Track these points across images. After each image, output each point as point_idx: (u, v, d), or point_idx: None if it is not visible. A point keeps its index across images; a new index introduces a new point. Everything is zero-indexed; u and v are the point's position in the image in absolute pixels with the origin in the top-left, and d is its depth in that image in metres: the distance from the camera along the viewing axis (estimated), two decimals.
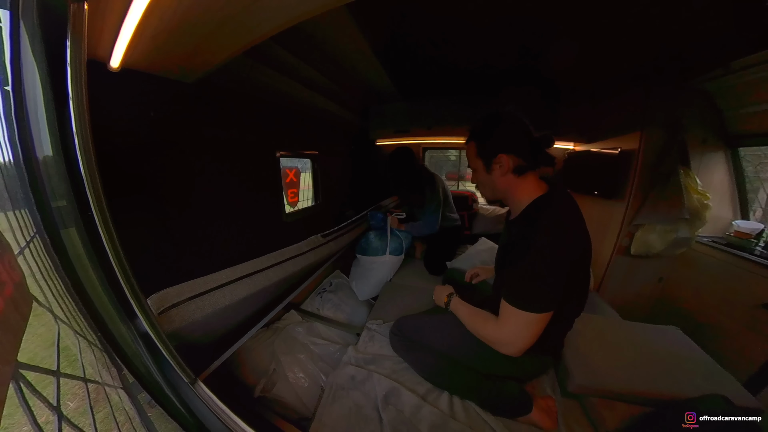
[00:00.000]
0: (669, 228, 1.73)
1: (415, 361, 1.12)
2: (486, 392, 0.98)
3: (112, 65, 0.82)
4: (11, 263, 0.45)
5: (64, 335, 0.60)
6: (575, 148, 2.49)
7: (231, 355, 1.11)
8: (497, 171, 0.91)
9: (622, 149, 1.87)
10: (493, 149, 0.90)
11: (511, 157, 0.88)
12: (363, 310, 1.73)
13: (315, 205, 2.36)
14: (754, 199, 1.89)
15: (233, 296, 0.95)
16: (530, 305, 0.77)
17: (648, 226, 1.78)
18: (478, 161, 0.95)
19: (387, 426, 0.92)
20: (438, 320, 1.12)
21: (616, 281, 1.97)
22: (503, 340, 0.84)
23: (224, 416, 0.66)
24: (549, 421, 0.93)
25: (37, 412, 0.39)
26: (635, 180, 1.79)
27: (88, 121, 0.54)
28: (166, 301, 0.77)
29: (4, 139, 0.54)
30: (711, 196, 1.69)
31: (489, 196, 1.00)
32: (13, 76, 0.53)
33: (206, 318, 0.85)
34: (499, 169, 0.90)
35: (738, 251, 1.65)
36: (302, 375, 1.19)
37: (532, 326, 0.79)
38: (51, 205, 0.57)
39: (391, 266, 1.93)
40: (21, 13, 0.52)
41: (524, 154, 0.88)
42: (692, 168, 1.73)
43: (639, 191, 1.79)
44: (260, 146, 1.66)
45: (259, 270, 1.12)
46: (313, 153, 2.28)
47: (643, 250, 1.82)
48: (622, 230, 1.87)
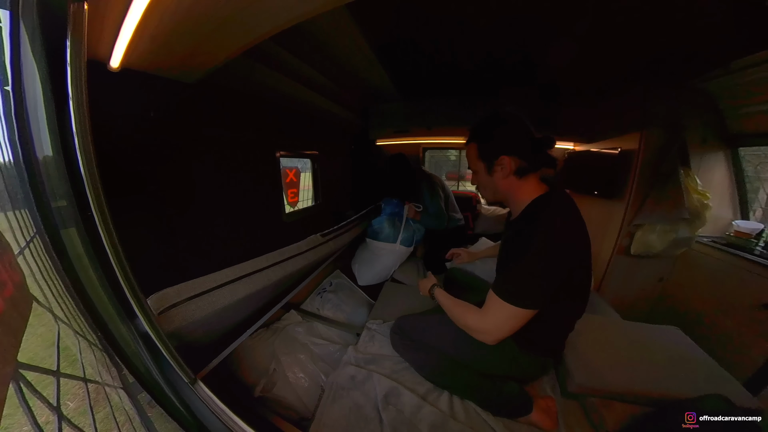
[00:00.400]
0: (669, 228, 1.73)
1: (415, 361, 1.12)
2: (486, 392, 0.98)
3: (112, 65, 0.82)
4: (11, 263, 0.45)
5: (64, 335, 0.60)
6: (575, 148, 2.49)
7: (231, 355, 1.11)
8: (499, 173, 0.90)
9: (622, 149, 1.87)
10: (495, 151, 0.89)
11: (513, 159, 0.87)
12: (363, 310, 1.73)
13: (315, 205, 2.36)
14: (754, 199, 1.89)
15: (233, 296, 0.94)
16: (517, 299, 0.78)
17: (648, 226, 1.78)
18: (479, 163, 0.94)
19: (387, 426, 0.92)
20: (439, 320, 1.12)
21: (616, 281, 1.97)
22: (482, 329, 0.86)
23: (224, 416, 0.66)
24: (549, 421, 0.93)
25: (37, 412, 0.39)
26: (635, 180, 1.79)
27: (88, 121, 0.53)
28: (165, 301, 0.77)
29: (4, 139, 0.54)
30: (711, 196, 1.69)
31: (490, 197, 1.00)
32: (13, 76, 0.53)
33: (206, 318, 0.85)
34: (501, 171, 0.90)
35: (738, 251, 1.65)
36: (302, 375, 1.19)
37: (513, 320, 0.80)
38: (51, 205, 0.57)
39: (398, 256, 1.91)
40: (21, 13, 0.52)
41: (526, 155, 0.88)
42: (692, 168, 1.73)
43: (639, 191, 1.79)
44: (260, 146, 1.65)
45: (259, 270, 1.12)
46: (313, 153, 2.28)
47: (643, 250, 1.82)
48: (622, 230, 1.87)
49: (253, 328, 1.24)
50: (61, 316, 0.60)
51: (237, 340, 1.14)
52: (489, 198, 1.01)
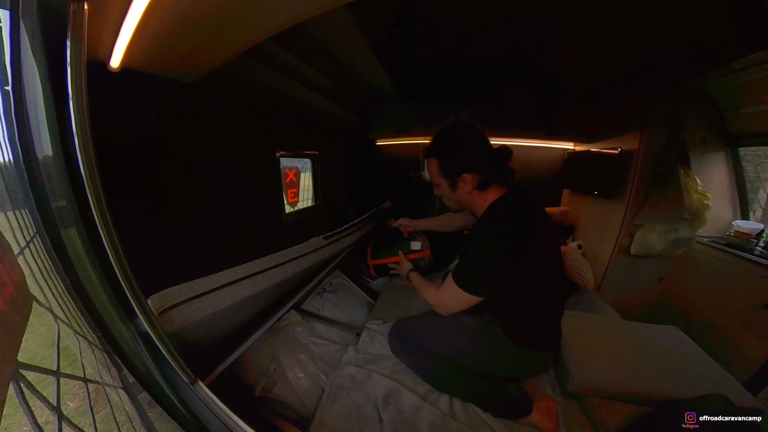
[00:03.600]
0: (669, 228, 1.73)
1: (414, 364, 1.12)
2: (486, 394, 0.98)
3: (112, 65, 0.82)
4: (11, 263, 0.45)
5: (64, 335, 0.60)
6: (575, 148, 2.49)
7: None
8: (462, 188, 0.97)
9: (622, 149, 1.87)
10: (457, 169, 0.95)
11: (474, 176, 0.94)
12: (363, 311, 1.72)
13: (315, 205, 2.36)
14: (754, 199, 1.88)
15: (234, 297, 0.94)
16: (466, 286, 0.90)
17: (648, 226, 1.78)
18: (442, 179, 1.00)
19: (387, 426, 0.92)
20: (437, 322, 1.12)
21: (616, 281, 1.97)
22: (436, 303, 1.03)
23: (224, 416, 0.65)
24: (549, 422, 0.93)
25: (37, 412, 0.39)
26: (635, 180, 1.79)
27: (88, 121, 0.53)
28: (166, 302, 0.77)
29: (4, 139, 0.54)
30: (711, 196, 1.69)
31: (454, 207, 1.10)
32: (13, 76, 0.53)
33: (206, 319, 0.85)
34: (464, 187, 0.96)
35: (738, 251, 1.65)
36: (302, 375, 1.19)
37: (460, 302, 0.94)
38: (51, 205, 0.57)
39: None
40: (21, 13, 0.52)
41: (487, 171, 0.95)
42: (692, 168, 1.73)
43: (639, 191, 1.79)
44: (260, 146, 1.66)
45: (260, 271, 1.11)
46: (313, 153, 2.28)
47: (643, 250, 1.82)
48: (622, 230, 1.87)
49: (259, 333, 1.24)
50: (61, 316, 0.60)
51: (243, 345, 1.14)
52: (454, 207, 1.11)
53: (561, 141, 2.50)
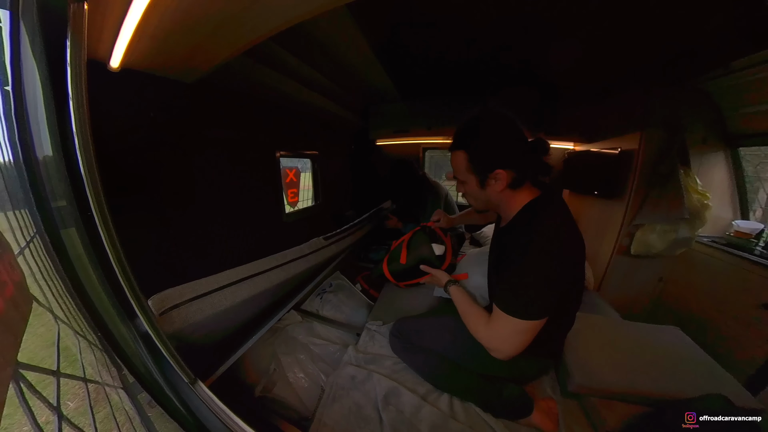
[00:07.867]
0: (669, 228, 1.73)
1: (415, 363, 1.11)
2: (487, 395, 0.98)
3: (112, 65, 0.82)
4: (11, 263, 0.45)
5: (64, 335, 0.60)
6: (575, 148, 2.49)
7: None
8: (493, 186, 0.82)
9: (622, 149, 1.87)
10: (490, 164, 0.80)
11: (508, 172, 0.79)
12: (363, 311, 1.72)
13: (315, 205, 2.36)
14: (754, 199, 1.88)
15: (234, 298, 0.94)
16: (522, 313, 0.72)
17: (648, 226, 1.78)
18: (470, 175, 0.85)
19: (387, 426, 0.92)
20: (438, 322, 1.12)
21: (616, 281, 1.97)
22: (492, 346, 0.80)
23: (224, 416, 0.65)
24: (550, 423, 0.93)
25: (37, 412, 0.39)
26: (635, 180, 1.79)
27: (88, 121, 0.53)
28: (167, 302, 0.77)
29: (4, 139, 0.54)
30: (711, 196, 1.68)
31: (481, 207, 0.94)
32: (13, 76, 0.53)
33: (207, 320, 0.85)
34: (495, 185, 0.81)
35: (738, 251, 1.65)
36: (302, 375, 1.19)
37: (523, 334, 0.74)
38: (51, 205, 0.57)
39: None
40: (21, 13, 0.52)
41: (523, 167, 0.81)
42: (692, 168, 1.73)
43: (639, 191, 1.79)
44: (260, 146, 1.66)
45: (260, 272, 1.12)
46: (313, 153, 2.28)
47: (643, 250, 1.82)
48: (622, 230, 1.87)
49: (260, 333, 1.24)
50: (61, 316, 0.60)
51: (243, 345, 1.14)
52: (480, 207, 0.95)
53: (561, 141, 2.50)
